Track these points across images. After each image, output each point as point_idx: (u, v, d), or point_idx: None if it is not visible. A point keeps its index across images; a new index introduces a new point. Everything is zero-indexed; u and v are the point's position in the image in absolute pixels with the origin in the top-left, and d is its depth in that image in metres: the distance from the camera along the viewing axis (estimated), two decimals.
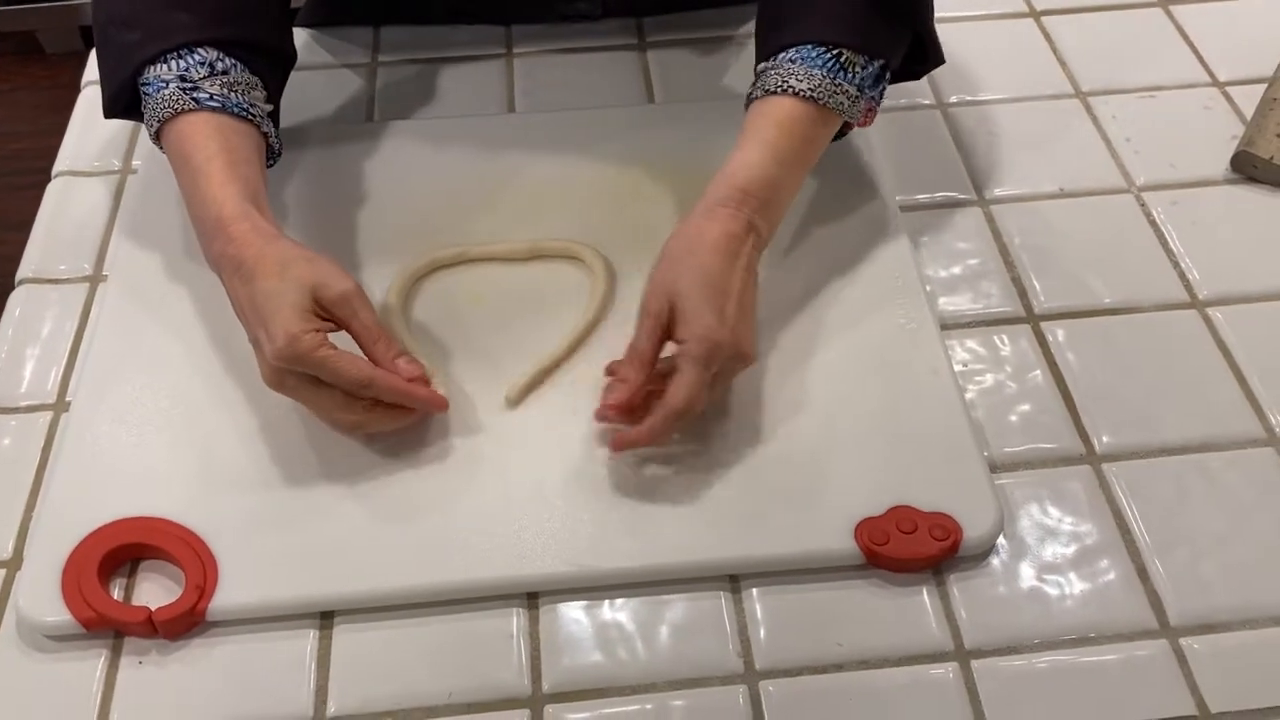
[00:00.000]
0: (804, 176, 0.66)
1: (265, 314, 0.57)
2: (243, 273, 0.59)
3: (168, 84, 0.63)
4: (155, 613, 0.56)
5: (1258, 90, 0.83)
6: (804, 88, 0.63)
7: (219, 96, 0.64)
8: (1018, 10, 0.91)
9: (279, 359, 0.57)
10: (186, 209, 0.64)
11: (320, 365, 0.57)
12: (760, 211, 0.62)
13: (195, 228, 0.63)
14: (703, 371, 0.58)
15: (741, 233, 0.61)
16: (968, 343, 0.69)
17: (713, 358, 0.58)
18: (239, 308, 0.60)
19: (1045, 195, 0.77)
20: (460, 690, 0.55)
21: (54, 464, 0.62)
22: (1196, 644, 0.56)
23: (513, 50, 0.88)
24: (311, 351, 0.57)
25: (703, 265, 0.60)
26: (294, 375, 0.58)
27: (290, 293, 0.58)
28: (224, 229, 0.60)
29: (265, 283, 0.58)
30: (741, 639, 0.57)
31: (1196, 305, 0.71)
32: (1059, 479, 0.63)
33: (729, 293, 0.59)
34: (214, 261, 0.61)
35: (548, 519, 0.59)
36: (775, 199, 0.64)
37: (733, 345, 0.59)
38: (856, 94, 0.65)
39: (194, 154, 0.63)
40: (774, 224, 0.65)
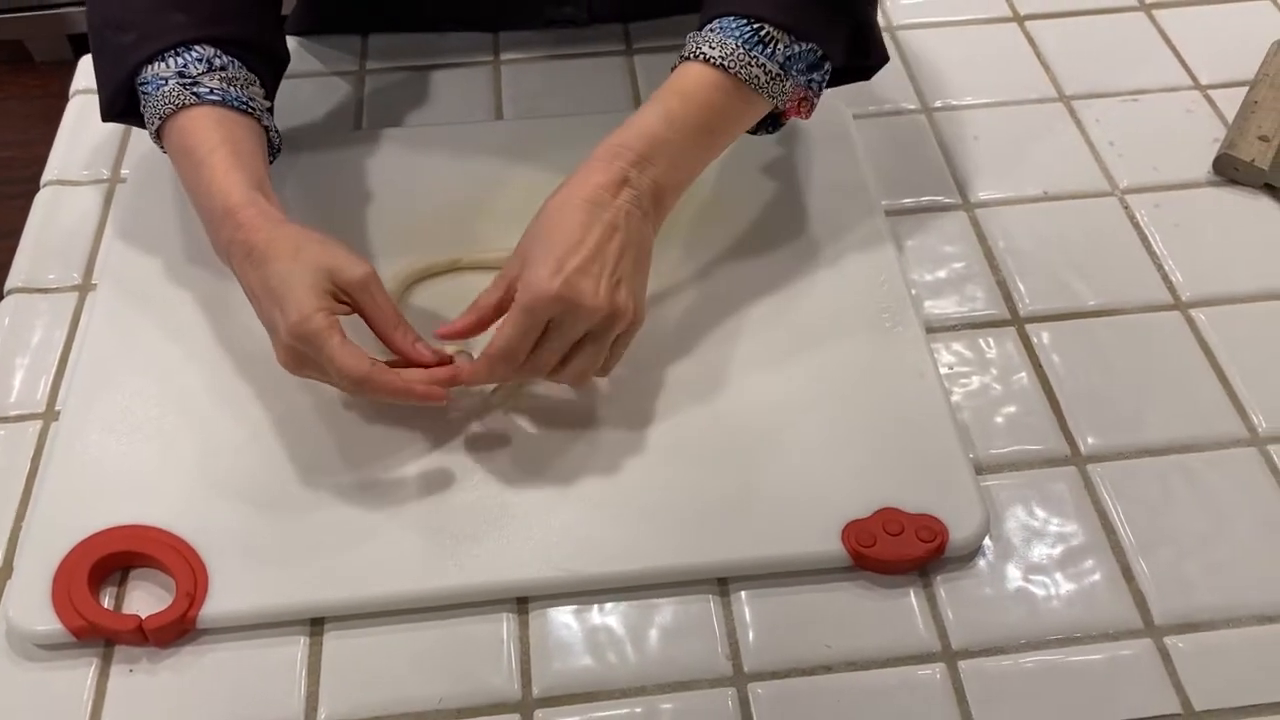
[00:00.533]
0: (710, 145, 0.64)
1: (280, 294, 0.57)
2: (254, 257, 0.59)
3: (167, 81, 0.63)
4: (146, 620, 0.56)
5: (1239, 93, 0.83)
6: (715, 55, 0.62)
7: (219, 90, 0.64)
8: (1001, 15, 0.92)
9: (291, 336, 0.57)
10: (191, 202, 0.65)
11: (324, 351, 0.57)
12: (636, 165, 0.61)
13: (202, 219, 0.64)
14: (523, 319, 0.57)
15: (610, 184, 0.60)
16: (953, 345, 0.70)
17: (535, 307, 0.57)
18: (252, 292, 0.60)
19: (1029, 199, 0.78)
20: (450, 695, 0.55)
21: (44, 473, 0.62)
22: (1180, 643, 0.57)
23: (500, 57, 0.88)
24: (320, 332, 0.57)
25: (555, 219, 0.59)
26: (306, 356, 0.58)
27: (306, 273, 0.58)
28: (232, 216, 0.60)
29: (279, 264, 0.58)
30: (730, 642, 0.57)
31: (1180, 307, 0.71)
32: (1044, 480, 0.63)
33: (577, 244, 0.58)
34: (223, 249, 0.61)
35: (537, 524, 0.60)
36: (659, 155, 0.61)
37: (568, 299, 0.57)
38: (778, 72, 0.63)
39: (197, 147, 0.63)
40: (661, 185, 0.62)
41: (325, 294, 0.58)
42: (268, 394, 0.65)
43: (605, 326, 0.59)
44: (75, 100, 0.86)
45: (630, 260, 0.60)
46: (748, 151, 0.77)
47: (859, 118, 0.82)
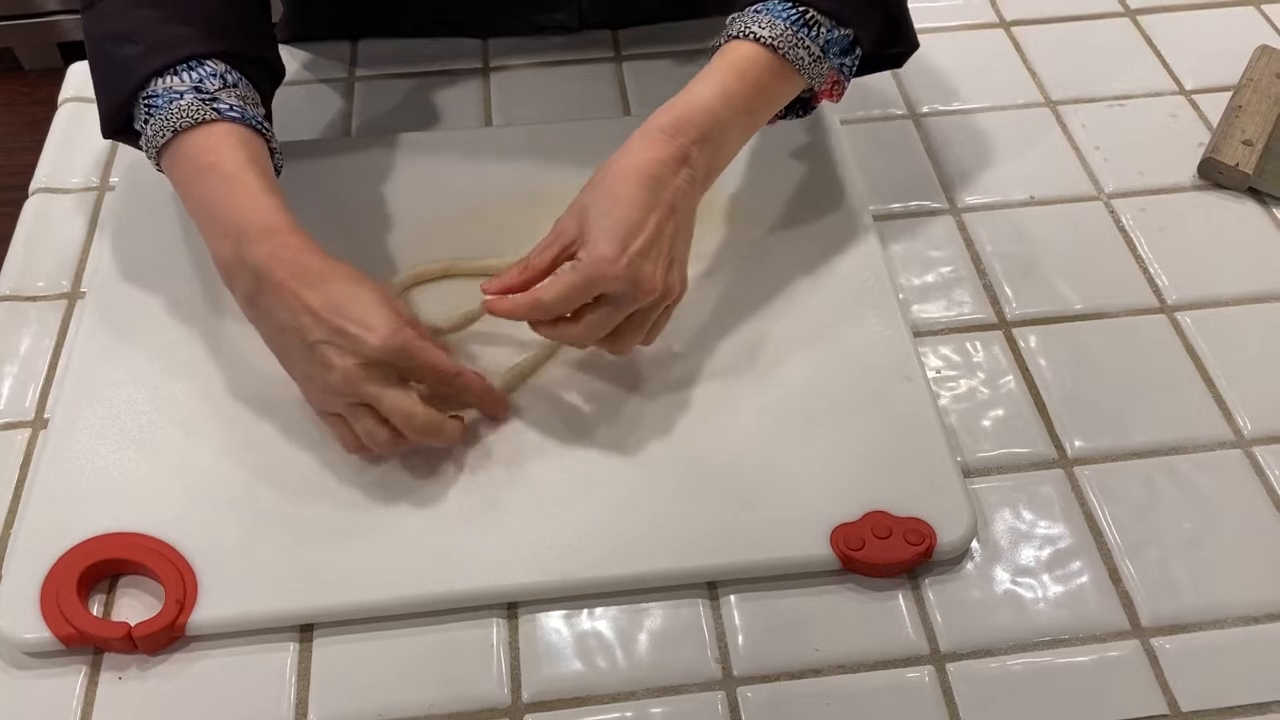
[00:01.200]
0: (752, 125, 0.65)
1: (355, 311, 0.57)
2: (308, 277, 0.58)
3: (181, 95, 0.62)
4: (135, 628, 0.56)
5: (1223, 98, 0.84)
6: (765, 34, 0.63)
7: (237, 108, 0.63)
8: (988, 21, 0.92)
9: (384, 350, 0.57)
10: (202, 215, 0.62)
11: (419, 354, 0.58)
12: (698, 143, 0.61)
13: (220, 234, 0.61)
14: (577, 289, 0.58)
15: (673, 160, 0.60)
16: (941, 349, 0.70)
17: (597, 283, 0.58)
18: (299, 309, 0.58)
19: (1016, 203, 0.78)
20: (440, 701, 0.56)
21: (32, 480, 0.62)
22: (1168, 644, 0.57)
23: (490, 64, 0.88)
24: (413, 340, 0.58)
25: (620, 193, 0.59)
26: (380, 372, 0.58)
27: (375, 295, 0.59)
28: (274, 235, 0.59)
29: (345, 285, 0.58)
30: (720, 646, 0.57)
31: (1165, 310, 0.72)
32: (1032, 483, 0.63)
33: (641, 225, 0.59)
34: (255, 264, 0.59)
35: (526, 529, 0.60)
36: (717, 134, 0.62)
37: (629, 280, 0.58)
38: (820, 54, 0.64)
39: (222, 162, 0.61)
40: (713, 161, 0.63)
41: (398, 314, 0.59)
42: (257, 401, 0.65)
43: (656, 304, 0.61)
44: (64, 108, 0.86)
45: (683, 239, 0.62)
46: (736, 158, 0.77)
47: (846, 123, 0.82)
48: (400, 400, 0.58)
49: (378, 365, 0.58)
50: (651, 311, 0.61)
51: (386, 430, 0.59)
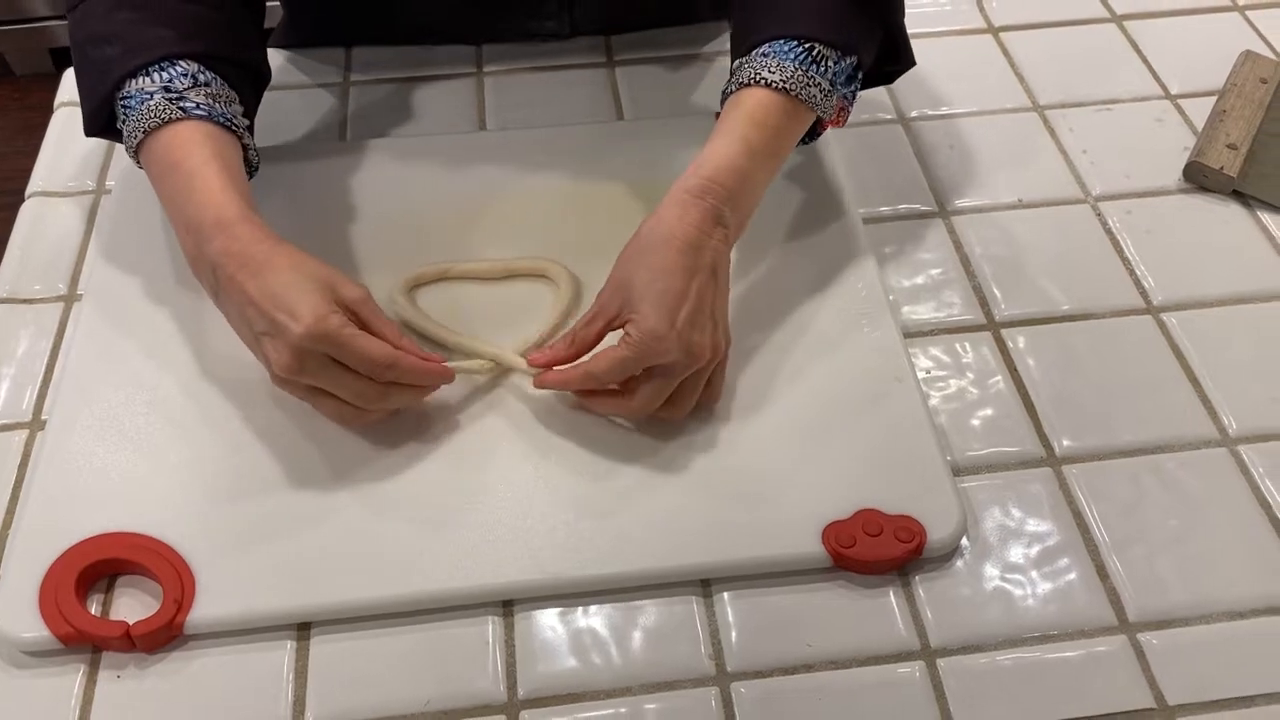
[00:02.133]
0: (776, 170, 0.67)
1: (287, 300, 0.58)
2: (251, 267, 0.59)
3: (152, 95, 0.64)
4: (133, 627, 0.56)
5: (1208, 103, 0.85)
6: (776, 79, 0.64)
7: (204, 106, 0.64)
8: (977, 26, 0.93)
9: (308, 338, 0.57)
10: (172, 213, 0.64)
11: (348, 343, 0.58)
12: (728, 202, 0.63)
13: (185, 229, 0.62)
14: (629, 362, 0.59)
15: (708, 224, 0.62)
16: (931, 350, 0.71)
17: (649, 357, 0.59)
18: (244, 301, 0.59)
19: (1005, 206, 0.79)
20: (437, 698, 0.56)
21: (30, 481, 0.63)
22: (1154, 639, 0.58)
23: (483, 69, 0.89)
24: (340, 329, 0.57)
25: (661, 263, 0.60)
26: (315, 359, 0.58)
27: (311, 283, 0.59)
28: (227, 228, 0.60)
29: (282, 274, 0.59)
30: (713, 642, 0.58)
31: (1151, 311, 0.73)
32: (1020, 481, 0.64)
33: (685, 294, 0.60)
34: (209, 261, 0.60)
35: (521, 528, 0.60)
36: (744, 190, 0.64)
37: (681, 350, 0.59)
38: (829, 88, 0.66)
39: (185, 160, 0.63)
40: (744, 216, 0.65)
41: (331, 301, 0.59)
42: (253, 401, 0.66)
43: (706, 367, 0.62)
44: (60, 113, 0.86)
45: (722, 298, 0.63)
46: None
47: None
48: (345, 382, 0.59)
49: (309, 354, 0.58)
50: (703, 375, 0.62)
51: (350, 408, 0.60)
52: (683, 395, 0.62)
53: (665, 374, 0.61)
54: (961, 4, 0.95)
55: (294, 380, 0.59)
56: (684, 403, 0.63)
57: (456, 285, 0.72)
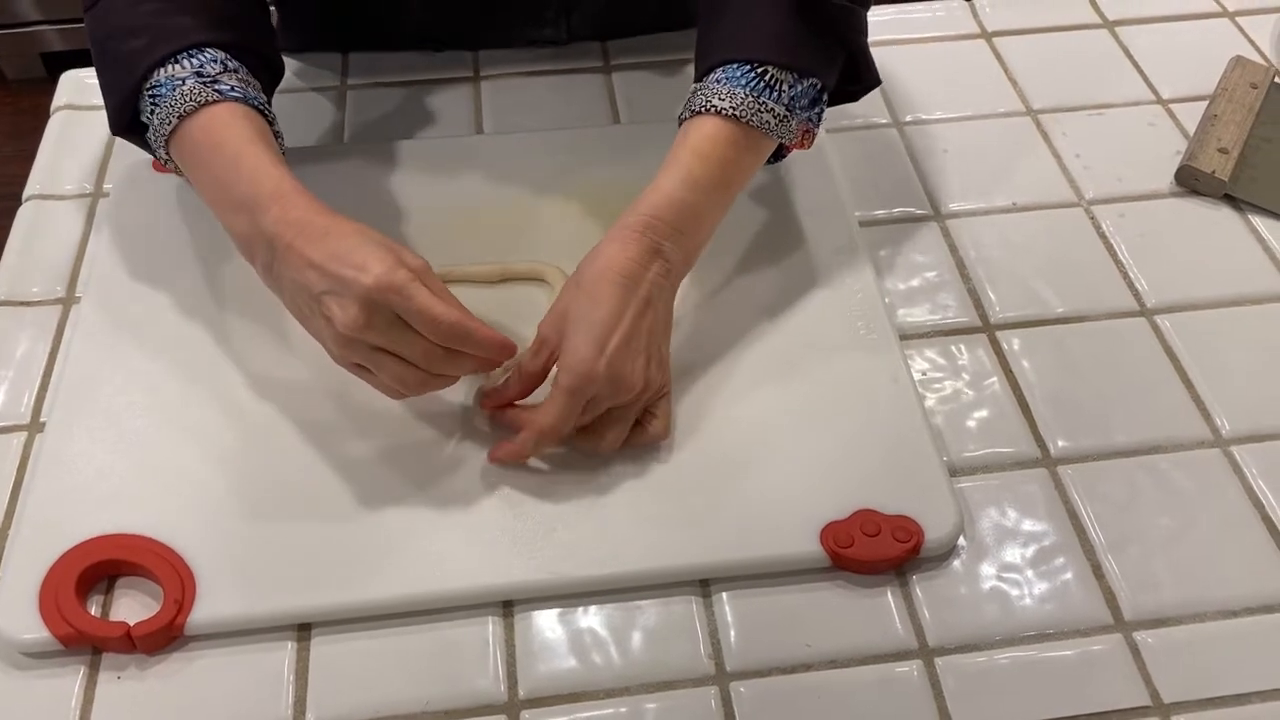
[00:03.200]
0: (729, 198, 0.66)
1: (354, 257, 0.56)
2: (311, 233, 0.58)
3: (184, 80, 0.63)
4: (134, 628, 0.56)
5: (1199, 107, 0.86)
6: (726, 106, 0.63)
7: (239, 89, 0.64)
8: (970, 32, 0.94)
9: (378, 289, 0.55)
10: (216, 194, 0.63)
11: (417, 298, 0.56)
12: (670, 237, 0.62)
13: (234, 209, 0.61)
14: (569, 399, 0.59)
15: (646, 258, 0.61)
16: (926, 352, 0.71)
17: (581, 388, 0.59)
18: (304, 265, 0.58)
19: (999, 210, 0.80)
20: (437, 698, 0.56)
21: (30, 482, 0.63)
22: (1149, 638, 0.58)
23: (480, 74, 0.89)
24: (410, 282, 0.56)
25: (594, 294, 0.60)
26: (382, 316, 0.56)
27: (376, 244, 0.58)
28: (284, 198, 0.59)
29: (347, 238, 0.58)
30: (712, 642, 0.58)
31: (1145, 313, 0.73)
32: (1016, 482, 0.65)
33: (615, 325, 0.60)
34: (268, 231, 0.59)
35: (521, 528, 0.61)
36: (689, 223, 0.63)
37: (608, 379, 0.59)
38: (785, 113, 0.64)
39: (230, 139, 0.62)
40: (689, 250, 0.64)
41: (400, 262, 0.57)
42: (253, 403, 0.66)
43: (635, 400, 0.61)
44: (57, 116, 0.86)
45: (660, 334, 0.63)
46: None
47: (832, 132, 0.84)
48: (412, 342, 0.58)
49: (377, 309, 0.56)
50: (631, 408, 0.62)
51: (415, 371, 0.59)
52: (608, 426, 0.61)
53: (597, 405, 0.60)
54: (955, 10, 0.96)
55: (359, 339, 0.57)
56: (610, 435, 0.62)
57: (454, 288, 0.72)
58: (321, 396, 0.66)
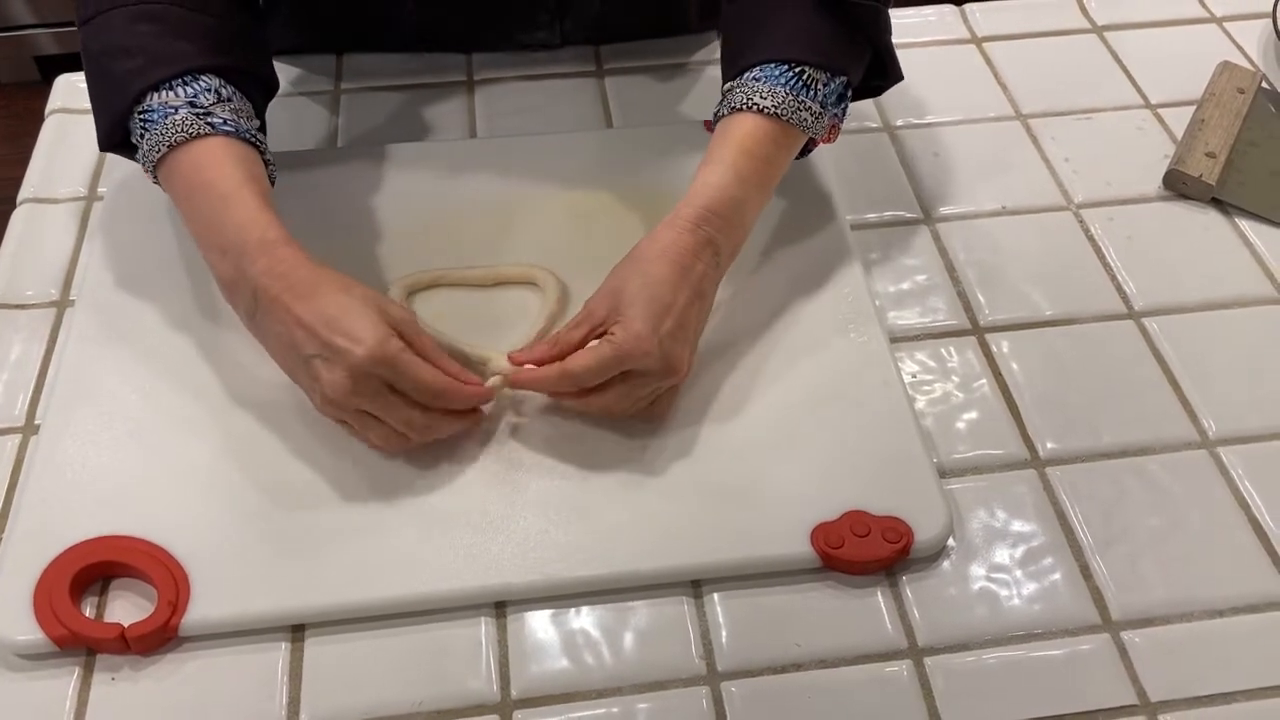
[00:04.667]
0: (769, 193, 0.68)
1: (344, 323, 0.58)
2: (299, 289, 0.59)
3: (176, 110, 0.63)
4: (128, 629, 0.57)
5: (1187, 112, 0.87)
6: (768, 105, 0.65)
7: (231, 122, 0.64)
8: (960, 37, 0.95)
9: (370, 361, 0.57)
10: (202, 234, 0.63)
11: (407, 368, 0.58)
12: (722, 230, 0.64)
13: (219, 251, 0.62)
14: (612, 363, 0.60)
15: (698, 247, 0.63)
16: (917, 355, 0.72)
17: (631, 359, 0.60)
18: (292, 324, 0.59)
19: (989, 213, 0.80)
20: (430, 698, 0.56)
21: (24, 484, 0.63)
22: (1137, 637, 0.59)
23: (473, 78, 0.90)
24: (401, 353, 0.58)
25: (651, 274, 0.62)
26: (371, 384, 0.58)
27: (365, 305, 0.59)
28: (271, 250, 0.60)
29: (334, 297, 0.59)
30: (704, 642, 0.59)
31: (1133, 316, 0.74)
32: (1005, 483, 0.65)
33: (671, 307, 0.61)
34: (254, 281, 0.60)
35: (513, 530, 0.61)
36: (737, 217, 0.65)
37: (659, 359, 0.60)
38: (820, 110, 0.67)
39: (220, 180, 0.62)
40: (736, 243, 0.66)
41: (388, 325, 0.59)
42: (246, 404, 0.66)
43: (669, 384, 0.63)
44: (51, 119, 0.86)
45: (702, 324, 0.65)
46: None
47: None
48: (396, 409, 0.60)
49: (366, 376, 0.58)
50: (662, 388, 0.63)
51: (397, 435, 0.61)
52: (629, 397, 0.63)
53: (640, 379, 0.61)
54: (946, 15, 0.96)
55: (345, 404, 0.59)
56: (625, 403, 0.63)
57: (447, 292, 0.73)
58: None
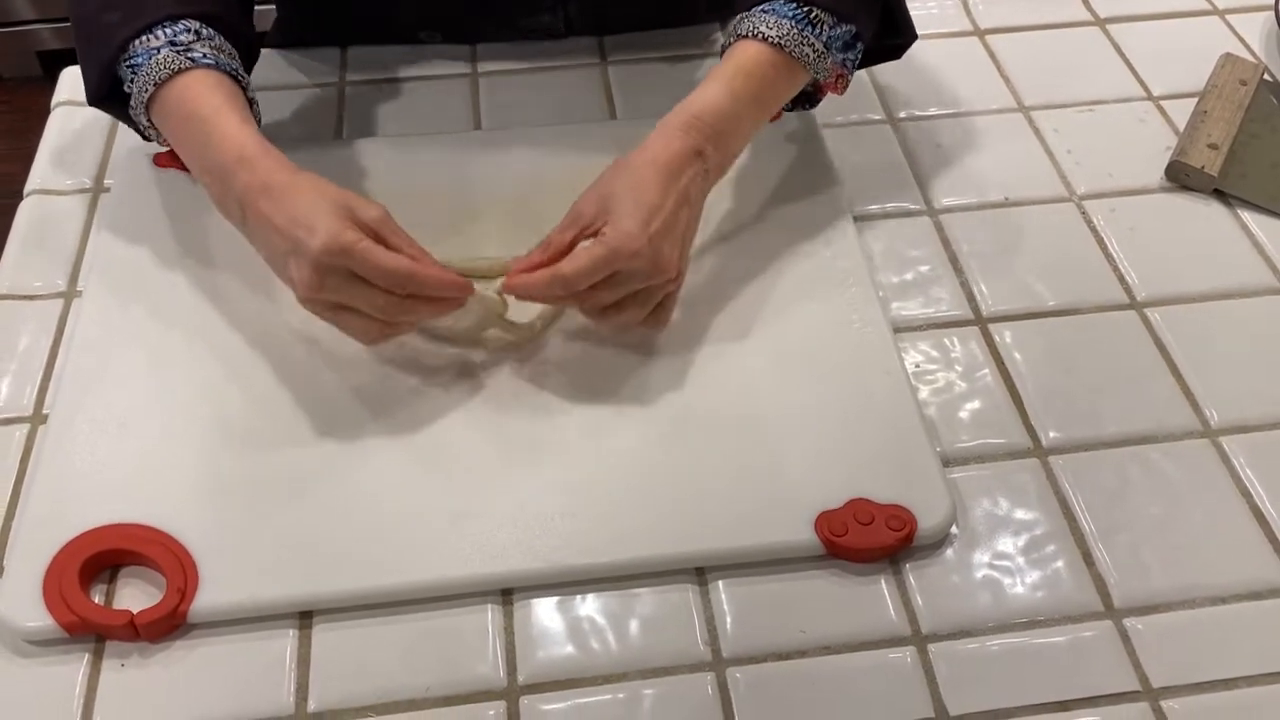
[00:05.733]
0: (762, 118, 0.70)
1: (307, 219, 0.59)
2: (274, 194, 0.61)
3: (159, 50, 0.66)
4: (137, 615, 0.57)
5: (1189, 103, 0.87)
6: (772, 34, 0.67)
7: (211, 56, 0.67)
8: (963, 29, 0.95)
9: (326, 253, 0.58)
10: (193, 160, 0.66)
11: (364, 256, 0.59)
12: (712, 140, 0.66)
13: (208, 173, 0.65)
14: (602, 263, 0.61)
15: (688, 153, 0.65)
16: (920, 345, 0.72)
17: (618, 259, 0.61)
18: (268, 227, 0.61)
19: (991, 204, 0.81)
20: (438, 684, 0.57)
21: (33, 473, 0.63)
22: (1139, 624, 0.59)
23: (478, 69, 0.90)
24: (356, 244, 0.59)
25: (640, 177, 0.64)
26: (335, 275, 0.60)
27: (329, 203, 0.60)
28: (249, 163, 0.62)
29: (303, 197, 0.61)
30: (709, 629, 0.59)
31: (1135, 306, 0.74)
32: (1008, 472, 0.66)
33: (659, 208, 0.63)
34: (237, 194, 0.62)
35: (520, 518, 0.61)
36: (728, 130, 0.67)
37: (649, 258, 0.62)
38: (823, 49, 0.69)
39: (201, 106, 0.65)
40: (725, 155, 0.68)
41: (350, 220, 0.60)
42: (254, 392, 0.66)
43: (664, 284, 0.64)
44: (58, 111, 0.87)
45: (691, 228, 0.66)
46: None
47: (828, 127, 0.85)
48: (366, 296, 0.61)
49: (329, 270, 0.59)
50: (658, 291, 0.65)
51: (376, 324, 0.62)
52: (633, 304, 0.64)
53: (630, 279, 0.63)
54: (948, 7, 0.97)
55: (316, 297, 0.61)
56: (631, 312, 0.65)
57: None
58: (322, 386, 0.67)
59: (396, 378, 0.68)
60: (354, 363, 0.68)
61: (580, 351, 0.69)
